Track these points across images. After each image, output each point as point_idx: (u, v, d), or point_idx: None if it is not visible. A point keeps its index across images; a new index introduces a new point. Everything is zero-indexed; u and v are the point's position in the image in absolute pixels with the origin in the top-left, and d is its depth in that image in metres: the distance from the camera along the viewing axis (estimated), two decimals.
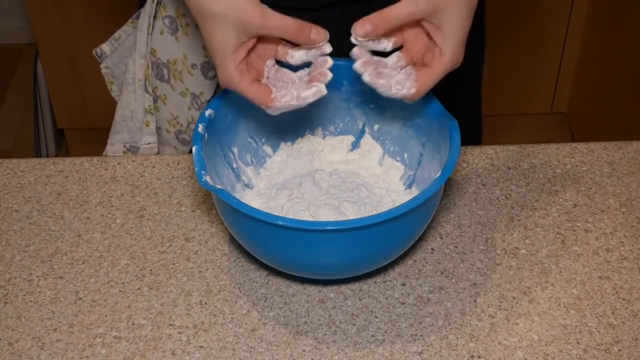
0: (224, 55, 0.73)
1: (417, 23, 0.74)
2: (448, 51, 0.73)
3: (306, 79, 0.77)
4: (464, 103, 1.06)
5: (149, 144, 1.04)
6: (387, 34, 0.75)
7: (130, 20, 1.02)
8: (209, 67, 0.97)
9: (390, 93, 0.75)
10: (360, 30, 0.73)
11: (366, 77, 0.74)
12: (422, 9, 0.72)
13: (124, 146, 1.05)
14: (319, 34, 0.75)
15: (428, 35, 0.74)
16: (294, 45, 0.77)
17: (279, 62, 0.78)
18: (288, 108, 0.75)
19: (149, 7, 0.97)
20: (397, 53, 0.77)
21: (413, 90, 0.74)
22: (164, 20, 0.96)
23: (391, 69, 0.76)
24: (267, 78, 0.77)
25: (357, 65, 0.74)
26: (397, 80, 0.75)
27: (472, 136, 1.11)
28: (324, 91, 0.75)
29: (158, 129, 1.03)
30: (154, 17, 0.97)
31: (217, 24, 0.72)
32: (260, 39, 0.75)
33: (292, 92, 0.75)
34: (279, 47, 0.77)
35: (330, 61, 0.76)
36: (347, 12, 0.92)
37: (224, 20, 0.71)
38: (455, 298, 0.79)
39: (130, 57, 1.02)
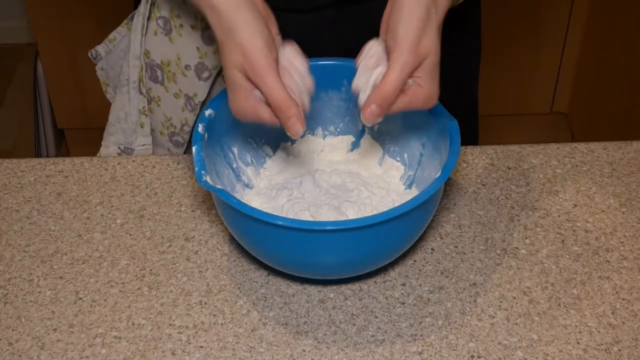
0: (234, 85, 0.73)
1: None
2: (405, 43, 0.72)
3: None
4: (460, 103, 1.06)
5: (144, 145, 1.03)
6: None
7: (124, 21, 1.02)
8: (203, 69, 0.97)
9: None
10: (369, 118, 0.73)
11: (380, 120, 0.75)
12: (412, 63, 0.71)
13: (119, 148, 1.05)
14: (294, 126, 0.73)
15: None
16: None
17: None
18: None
19: (142, 8, 0.97)
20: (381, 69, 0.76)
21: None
22: (158, 21, 0.96)
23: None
24: None
25: (367, 123, 0.74)
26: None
27: (468, 137, 1.11)
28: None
29: (152, 131, 1.03)
30: (148, 18, 0.96)
31: (227, 53, 0.73)
32: None
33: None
34: None
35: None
36: (343, 12, 0.92)
37: (232, 54, 0.72)
38: (455, 298, 0.79)
39: (125, 58, 1.01)
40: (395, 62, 0.71)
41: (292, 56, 0.76)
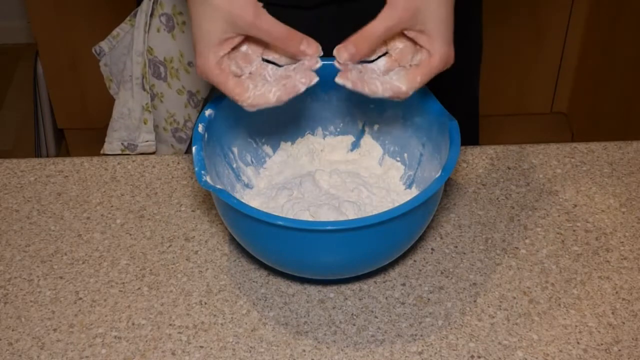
0: (207, 45, 0.70)
1: (400, 34, 0.72)
2: (437, 52, 0.71)
3: (288, 75, 0.73)
4: (461, 103, 1.06)
5: (147, 141, 1.04)
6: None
7: (128, 18, 1.02)
8: None
9: (379, 94, 0.73)
10: (343, 54, 0.71)
11: (349, 86, 0.72)
12: (399, 17, 0.69)
13: (122, 144, 1.05)
14: (310, 46, 0.72)
15: (414, 42, 0.72)
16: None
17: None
18: (264, 106, 0.73)
19: (145, 5, 0.97)
20: (384, 57, 0.75)
21: (403, 88, 0.72)
22: (161, 18, 0.96)
23: (380, 73, 0.74)
24: (249, 73, 0.74)
25: (338, 79, 0.72)
26: (385, 80, 0.73)
27: (469, 136, 1.11)
28: (301, 90, 0.72)
29: (155, 127, 1.04)
30: (151, 15, 0.97)
31: (208, 12, 0.70)
32: (250, 38, 0.72)
33: (270, 90, 0.72)
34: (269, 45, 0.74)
35: (319, 63, 0.73)
36: (344, 10, 0.92)
37: (215, 10, 0.69)
38: (455, 298, 0.79)
39: (128, 55, 1.02)
40: (385, 14, 0.70)
41: None
